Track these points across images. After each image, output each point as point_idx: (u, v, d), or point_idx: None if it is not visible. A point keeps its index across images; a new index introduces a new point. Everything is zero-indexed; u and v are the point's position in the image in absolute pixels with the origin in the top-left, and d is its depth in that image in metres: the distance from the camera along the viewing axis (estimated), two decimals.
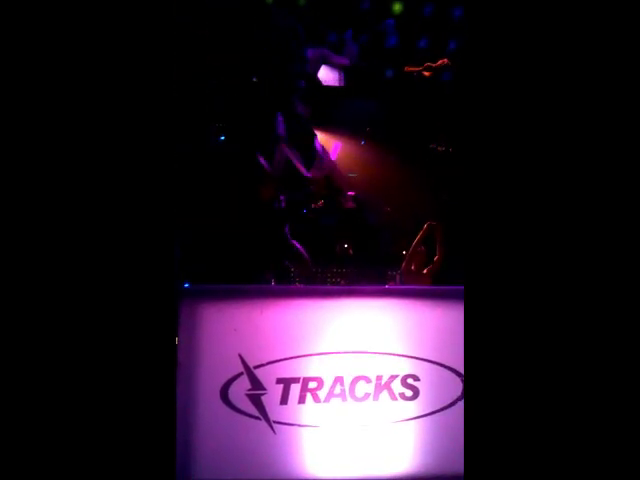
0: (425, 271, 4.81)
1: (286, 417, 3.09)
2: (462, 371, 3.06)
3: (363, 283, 5.10)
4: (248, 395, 3.06)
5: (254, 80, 4.99)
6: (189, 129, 4.54)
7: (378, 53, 5.69)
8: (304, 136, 4.98)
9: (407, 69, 5.64)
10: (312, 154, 5.02)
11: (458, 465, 2.42)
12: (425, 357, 3.12)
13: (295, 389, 3.10)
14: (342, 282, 5.20)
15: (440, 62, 5.59)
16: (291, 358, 3.11)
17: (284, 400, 3.08)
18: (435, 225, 4.83)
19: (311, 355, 3.13)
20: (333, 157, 5.44)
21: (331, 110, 5.47)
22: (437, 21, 5.99)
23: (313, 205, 5.36)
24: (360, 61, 5.64)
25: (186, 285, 3.34)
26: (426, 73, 5.56)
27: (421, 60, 5.65)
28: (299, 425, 3.09)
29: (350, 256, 5.49)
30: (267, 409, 3.07)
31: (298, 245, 4.80)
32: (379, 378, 3.14)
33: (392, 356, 3.16)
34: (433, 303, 3.23)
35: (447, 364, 3.13)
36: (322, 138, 5.36)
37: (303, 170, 4.91)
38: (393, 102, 5.65)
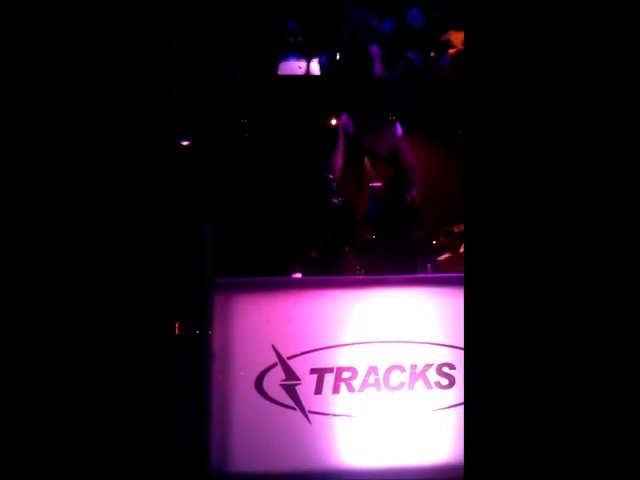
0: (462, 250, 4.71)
1: (321, 407, 3.09)
2: None
3: (394, 272, 5.04)
4: (283, 385, 3.07)
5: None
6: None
7: (404, 39, 5.61)
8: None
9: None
10: None
11: None
12: (461, 345, 3.08)
13: (329, 379, 3.09)
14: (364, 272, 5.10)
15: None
16: (324, 348, 3.11)
17: (318, 390, 3.09)
18: None
19: (344, 345, 3.13)
20: None
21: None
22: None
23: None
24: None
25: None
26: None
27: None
28: (334, 415, 3.09)
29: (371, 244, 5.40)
30: (302, 399, 3.07)
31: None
32: (414, 367, 3.12)
33: (426, 345, 3.14)
34: None
35: None
36: None
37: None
38: (420, 88, 5.58)
